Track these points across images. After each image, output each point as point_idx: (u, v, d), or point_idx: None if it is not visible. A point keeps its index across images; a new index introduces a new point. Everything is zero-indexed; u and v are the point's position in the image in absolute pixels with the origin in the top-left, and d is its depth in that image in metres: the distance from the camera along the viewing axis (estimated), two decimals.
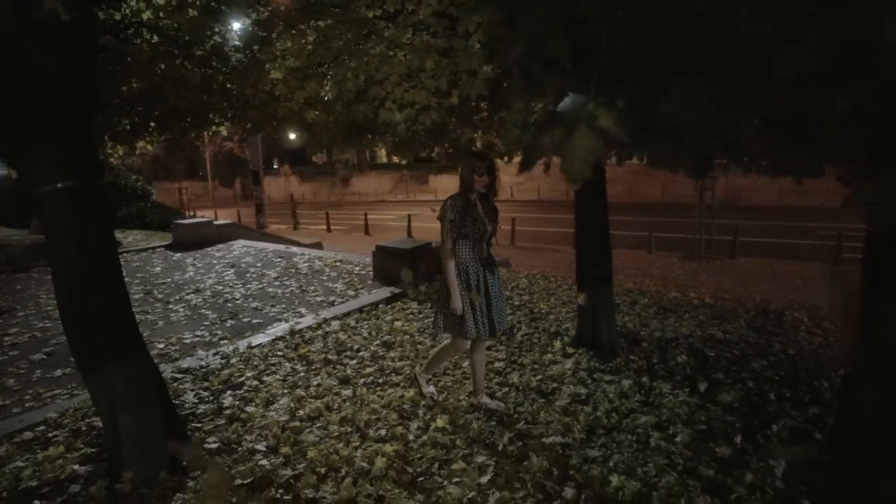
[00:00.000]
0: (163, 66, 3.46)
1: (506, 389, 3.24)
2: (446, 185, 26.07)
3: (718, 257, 9.80)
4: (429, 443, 2.63)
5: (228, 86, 3.93)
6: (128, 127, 4.20)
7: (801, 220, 14.83)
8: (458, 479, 2.31)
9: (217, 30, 3.56)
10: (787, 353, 4.01)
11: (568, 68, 0.81)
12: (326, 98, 3.85)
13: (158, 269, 7.43)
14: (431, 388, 3.22)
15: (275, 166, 41.91)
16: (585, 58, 0.82)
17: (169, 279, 6.74)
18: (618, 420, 2.86)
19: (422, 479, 2.34)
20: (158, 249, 8.86)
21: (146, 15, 3.35)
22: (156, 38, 3.51)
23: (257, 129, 5.09)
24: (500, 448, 2.57)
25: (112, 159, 12.37)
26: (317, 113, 4.18)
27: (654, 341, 4.09)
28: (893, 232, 0.86)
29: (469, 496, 2.19)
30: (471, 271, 2.81)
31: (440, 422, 2.81)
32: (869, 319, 1.42)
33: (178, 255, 8.43)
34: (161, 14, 3.37)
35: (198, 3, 2.94)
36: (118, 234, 10.65)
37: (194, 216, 14.39)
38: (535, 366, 3.61)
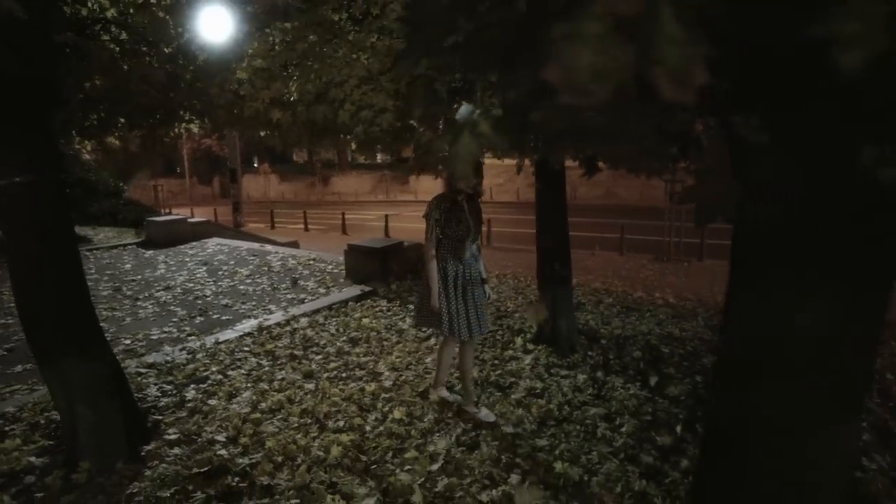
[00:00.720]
0: (128, 63, 3.48)
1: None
2: (427, 185, 26.13)
3: (687, 259, 10.08)
4: (385, 433, 2.72)
5: (198, 84, 3.96)
6: (95, 122, 4.19)
7: None
8: (409, 467, 2.40)
9: (181, 29, 3.60)
10: None
11: (458, 81, 0.91)
12: (291, 98, 3.91)
13: (129, 266, 7.36)
14: (446, 394, 3.16)
15: (255, 164, 41.45)
16: (471, 73, 0.92)
17: (139, 276, 6.69)
18: (569, 412, 2.99)
19: (375, 466, 2.43)
20: (130, 247, 8.77)
21: (111, 12, 3.37)
22: (124, 35, 3.53)
23: (220, 128, 5.11)
24: (452, 438, 2.68)
25: (86, 155, 12.15)
26: (282, 113, 4.24)
27: (612, 338, 4.25)
28: (746, 228, 0.99)
29: (419, 482, 2.29)
30: (450, 270, 2.83)
31: (397, 413, 2.90)
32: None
33: (150, 252, 8.36)
34: (128, 11, 3.38)
35: (162, 2, 2.99)
36: (89, 231, 10.49)
37: (169, 214, 14.20)
38: (496, 361, 3.73)
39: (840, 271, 0.82)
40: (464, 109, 0.90)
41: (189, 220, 9.90)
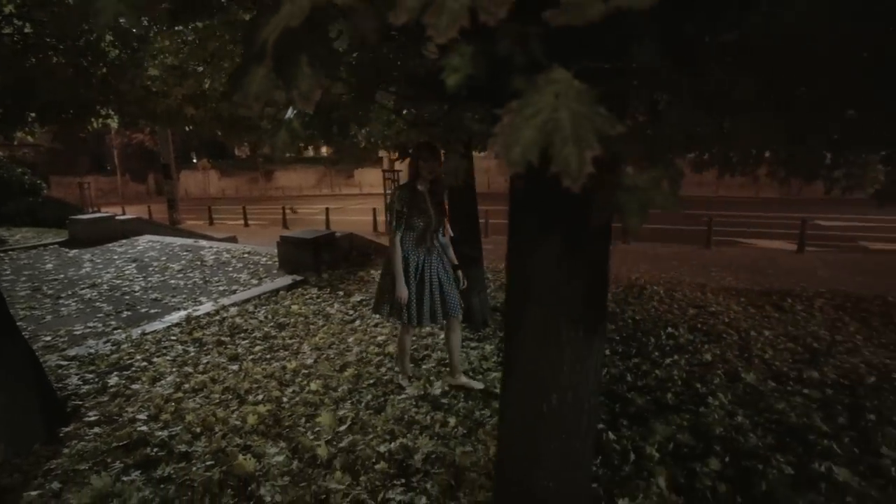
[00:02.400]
0: (33, 58, 3.46)
1: (381, 358, 3.63)
2: (371, 178, 26.12)
3: (614, 243, 10.82)
4: (300, 402, 2.96)
5: (112, 80, 3.96)
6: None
7: (694, 208, 16.48)
8: (318, 429, 2.66)
9: (86, 27, 3.60)
10: (633, 319, 4.71)
11: None
12: (205, 95, 4.01)
13: (50, 266, 7.12)
14: (405, 382, 3.22)
15: (194, 160, 39.72)
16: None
17: (62, 275, 6.52)
18: (473, 377, 3.33)
19: (287, 430, 2.67)
20: (52, 247, 8.42)
21: (9, 8, 3.33)
22: (28, 29, 3.50)
23: (133, 123, 5.11)
24: (363, 404, 2.96)
25: None
26: (196, 109, 4.31)
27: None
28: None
29: (326, 439, 2.55)
30: (411, 260, 2.86)
31: (314, 385, 3.15)
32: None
33: (75, 251, 8.08)
34: (27, 5, 3.35)
35: None
36: (3, 232, 9.94)
37: (98, 212, 13.56)
38: (414, 337, 4.03)
39: (564, 229, 1.15)
40: (290, 111, 1.17)
41: (117, 217, 9.59)
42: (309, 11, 0.61)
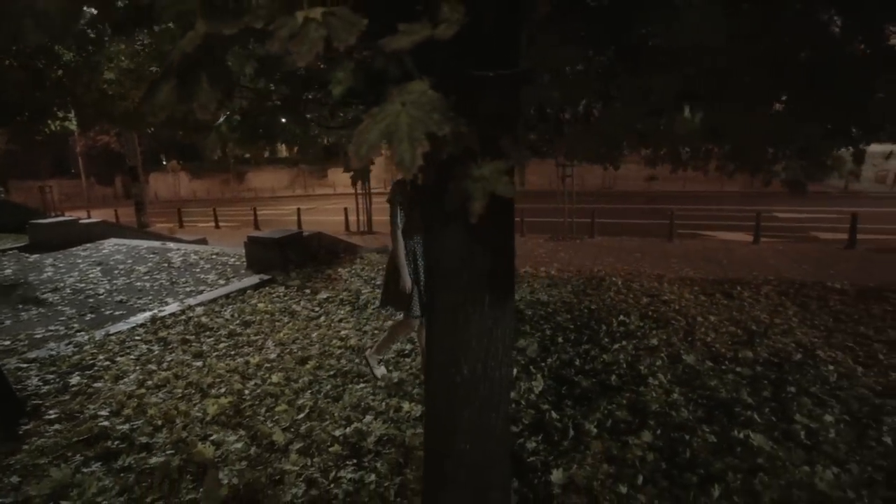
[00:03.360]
0: None
1: (342, 350, 3.75)
2: (345, 179, 26.00)
3: (579, 237, 11.11)
4: (261, 394, 3.07)
5: (67, 82, 3.97)
6: None
7: (661, 202, 16.98)
8: (277, 418, 2.78)
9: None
10: (589, 308, 4.93)
11: None
12: None
13: (9, 271, 6.99)
14: (382, 369, 3.26)
15: (163, 162, 38.82)
16: None
17: (21, 280, 6.42)
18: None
19: (247, 420, 2.78)
20: (11, 252, 8.24)
21: None
22: None
23: (89, 126, 5.10)
24: (322, 393, 3.08)
25: None
26: None
27: None
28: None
29: (283, 427, 2.67)
30: (418, 251, 2.84)
31: (275, 378, 3.26)
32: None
33: (36, 256, 7.93)
34: None
35: None
36: None
37: (60, 216, 13.24)
38: (376, 331, 4.17)
39: (465, 218, 1.31)
40: (223, 117, 1.30)
41: (81, 221, 9.42)
42: (202, 40, 0.75)
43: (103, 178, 35.46)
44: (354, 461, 2.37)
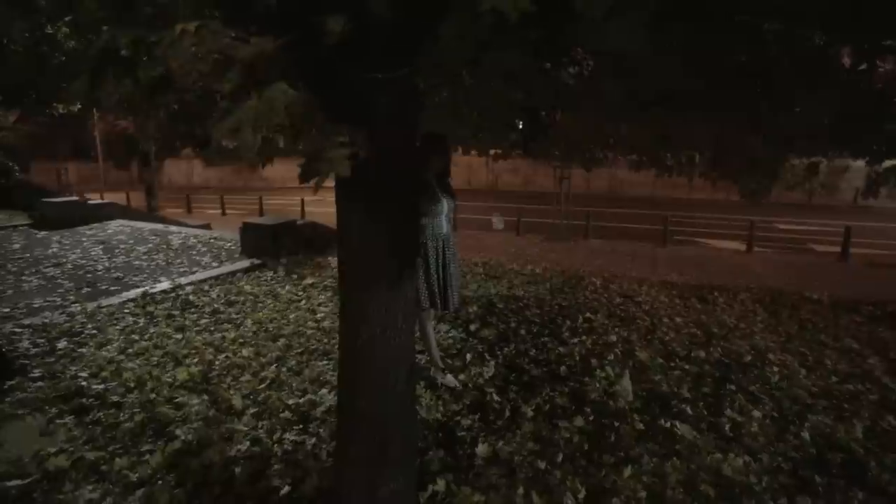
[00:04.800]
0: None
1: (314, 331, 3.96)
2: None
3: (574, 238, 11.23)
4: (230, 366, 3.29)
5: (70, 68, 4.20)
6: None
7: (664, 208, 17.00)
8: (240, 386, 3.00)
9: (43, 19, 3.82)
10: (560, 305, 5.09)
11: None
12: None
13: (17, 245, 7.34)
14: (450, 377, 3.17)
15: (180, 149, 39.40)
16: None
17: (28, 254, 6.75)
18: None
19: (213, 387, 3.01)
20: (21, 228, 8.62)
21: None
22: None
23: (88, 109, 5.34)
24: (286, 367, 3.30)
25: None
26: None
27: (461, 298, 5.01)
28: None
29: (244, 394, 2.89)
30: (430, 245, 2.90)
31: (246, 352, 3.48)
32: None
33: (44, 233, 8.29)
34: None
35: None
36: None
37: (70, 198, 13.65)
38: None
39: (366, 200, 1.51)
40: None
41: (89, 201, 9.78)
42: (106, 44, 0.96)
43: (120, 162, 36.19)
44: (301, 426, 2.58)
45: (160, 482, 2.12)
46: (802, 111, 2.27)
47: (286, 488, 2.06)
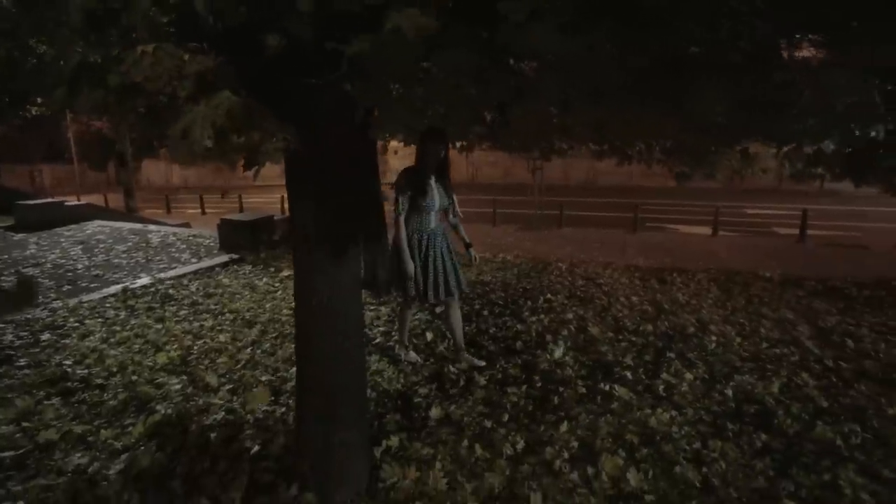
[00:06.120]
0: None
1: (288, 317, 4.19)
2: None
3: (548, 228, 11.58)
4: (208, 350, 3.52)
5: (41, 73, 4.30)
6: None
7: (636, 197, 17.44)
8: (217, 367, 3.24)
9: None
10: (524, 288, 5.39)
11: None
12: None
13: None
14: (413, 355, 3.43)
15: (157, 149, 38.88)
16: None
17: (5, 256, 6.84)
18: (368, 332, 3.94)
19: (191, 369, 3.23)
20: None
21: None
22: None
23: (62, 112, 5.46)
24: (261, 350, 3.53)
25: None
26: None
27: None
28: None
29: (220, 373, 3.13)
30: (414, 239, 3.02)
31: (223, 337, 3.71)
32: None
33: (21, 235, 8.34)
34: None
35: None
36: None
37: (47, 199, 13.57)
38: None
39: (313, 182, 1.76)
40: None
41: (66, 203, 9.82)
42: (78, 63, 1.20)
43: (96, 163, 35.62)
44: (272, 399, 2.83)
45: (142, 448, 2.36)
46: (708, 100, 2.55)
47: (256, 448, 2.31)
